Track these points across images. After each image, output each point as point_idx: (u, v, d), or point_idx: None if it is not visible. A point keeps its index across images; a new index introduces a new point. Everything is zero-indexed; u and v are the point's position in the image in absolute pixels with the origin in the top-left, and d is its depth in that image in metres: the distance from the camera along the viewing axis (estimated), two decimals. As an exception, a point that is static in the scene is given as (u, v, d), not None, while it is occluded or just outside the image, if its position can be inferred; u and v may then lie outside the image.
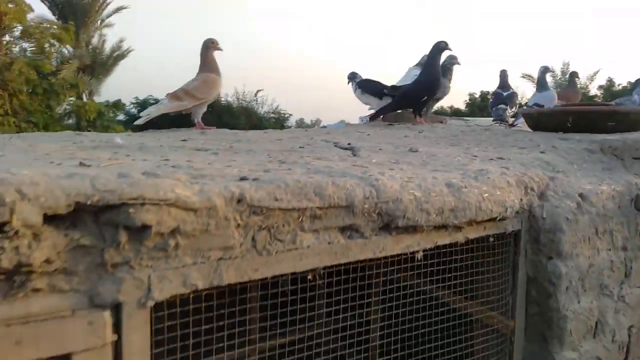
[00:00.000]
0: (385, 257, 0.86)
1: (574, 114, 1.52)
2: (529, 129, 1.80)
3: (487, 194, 0.95)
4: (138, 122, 1.70)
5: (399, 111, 2.22)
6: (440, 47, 1.90)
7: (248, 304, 0.80)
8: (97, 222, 0.57)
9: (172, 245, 0.61)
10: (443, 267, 1.01)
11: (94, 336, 0.56)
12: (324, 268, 0.78)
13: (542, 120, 1.65)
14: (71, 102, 10.85)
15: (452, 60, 2.25)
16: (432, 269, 1.00)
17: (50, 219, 0.53)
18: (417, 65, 2.21)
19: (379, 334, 1.12)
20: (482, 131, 1.86)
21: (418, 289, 1.04)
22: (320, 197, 0.75)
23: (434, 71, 1.90)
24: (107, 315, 0.57)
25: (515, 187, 1.05)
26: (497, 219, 0.99)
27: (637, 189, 1.23)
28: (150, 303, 0.60)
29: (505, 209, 0.99)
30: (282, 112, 16.00)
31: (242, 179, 0.73)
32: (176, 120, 1.86)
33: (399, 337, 1.00)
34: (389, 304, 1.01)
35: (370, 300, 1.03)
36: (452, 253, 1.00)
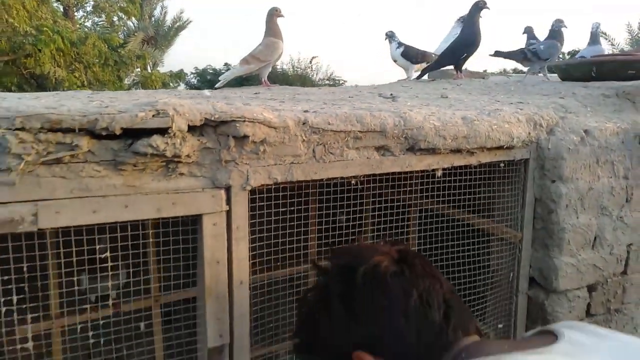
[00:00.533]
0: (411, 172, 1.14)
1: (597, 64, 1.69)
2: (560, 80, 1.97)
3: (495, 126, 1.20)
4: (217, 85, 2.03)
5: (443, 69, 2.42)
6: (478, 6, 2.08)
7: (310, 197, 1.12)
8: (215, 132, 0.89)
9: (261, 151, 0.93)
10: (464, 190, 1.28)
11: (216, 205, 0.90)
12: (364, 176, 1.08)
13: (569, 71, 1.82)
14: (138, 73, 11.58)
15: (559, 24, 2.20)
16: (455, 191, 1.27)
17: (190, 129, 0.86)
18: (458, 21, 2.38)
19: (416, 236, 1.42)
20: (514, 83, 2.04)
21: (439, 209, 1.32)
22: (360, 124, 1.04)
23: (472, 29, 2.09)
24: (223, 192, 0.90)
25: (524, 123, 1.29)
26: (505, 147, 1.24)
27: (642, 127, 1.42)
28: (248, 188, 0.93)
29: (512, 139, 1.23)
30: (336, 78, 16.14)
31: (305, 111, 1.03)
32: (243, 82, 2.18)
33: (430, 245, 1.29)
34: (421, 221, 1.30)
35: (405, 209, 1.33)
36: (469, 174, 1.26)
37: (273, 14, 1.99)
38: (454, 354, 0.58)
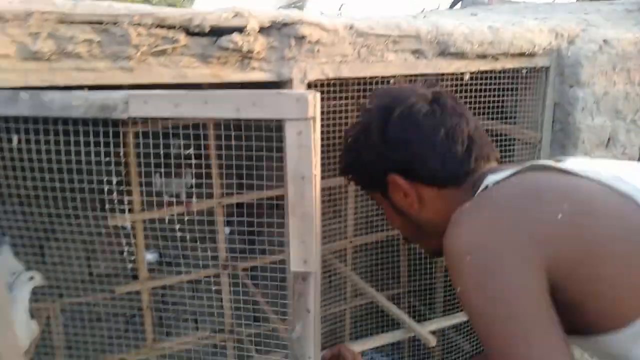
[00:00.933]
0: (442, 74, 1.32)
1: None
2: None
3: (518, 34, 1.35)
4: None
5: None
6: None
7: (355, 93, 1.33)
8: (279, 33, 1.09)
9: (316, 50, 1.12)
10: (490, 92, 1.45)
11: (301, 110, 1.09)
12: (400, 76, 1.27)
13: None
14: None
15: None
16: (482, 93, 1.44)
17: (260, 30, 1.06)
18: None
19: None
20: (544, 5, 2.14)
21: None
22: (398, 29, 1.21)
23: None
24: (310, 97, 1.11)
25: (546, 33, 1.43)
26: (527, 54, 1.39)
27: (661, 38, 1.53)
28: (306, 81, 1.14)
29: (534, 46, 1.38)
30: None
31: (352, 19, 1.21)
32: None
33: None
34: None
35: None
36: (495, 78, 1.42)
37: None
38: (475, 178, 0.77)
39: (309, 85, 1.15)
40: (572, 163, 0.68)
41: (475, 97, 1.43)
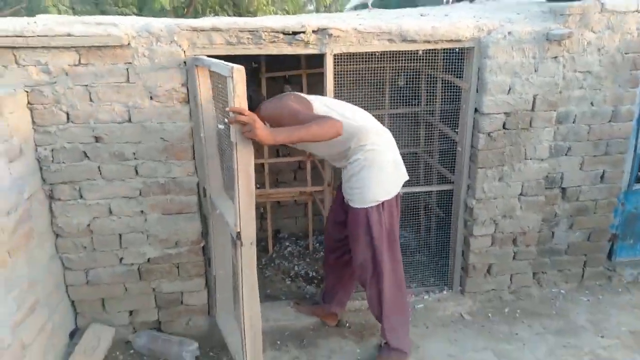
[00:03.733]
0: (405, 51, 2.66)
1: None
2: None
3: (450, 29, 2.60)
4: (347, 6, 3.63)
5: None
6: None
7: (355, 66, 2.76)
8: (321, 32, 2.54)
9: (338, 39, 2.57)
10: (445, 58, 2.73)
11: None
12: (382, 52, 2.65)
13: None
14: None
15: None
16: (440, 59, 2.74)
17: (313, 31, 2.53)
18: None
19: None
20: (497, 4, 3.20)
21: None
22: (379, 29, 2.58)
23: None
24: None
25: (472, 28, 2.64)
26: (456, 40, 2.63)
27: (549, 30, 2.62)
28: (333, 54, 2.60)
29: (459, 36, 2.62)
30: None
31: (360, 24, 2.62)
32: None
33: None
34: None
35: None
36: (444, 52, 2.70)
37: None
38: None
39: (335, 56, 2.61)
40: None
41: (432, 61, 2.74)
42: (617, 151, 2.98)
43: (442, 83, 3.28)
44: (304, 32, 2.49)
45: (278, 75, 3.58)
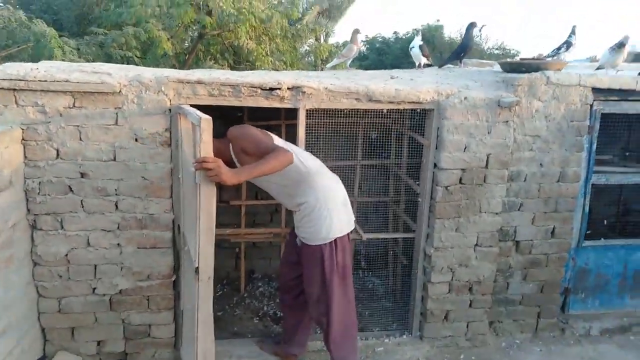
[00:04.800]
0: (371, 109, 2.94)
1: (513, 64, 3.16)
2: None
3: (411, 92, 2.90)
4: (328, 66, 3.97)
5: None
6: (472, 25, 3.58)
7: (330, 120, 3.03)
8: (296, 90, 2.82)
9: (310, 96, 2.85)
10: (411, 117, 3.01)
11: (294, 112, 2.88)
12: (349, 110, 2.93)
13: (506, 68, 3.30)
14: (311, 43, 14.03)
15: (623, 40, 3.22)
16: (407, 117, 3.02)
17: (288, 88, 2.81)
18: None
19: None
20: (469, 71, 3.54)
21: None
22: (348, 89, 2.87)
23: (466, 39, 3.61)
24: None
25: (432, 92, 2.94)
26: (417, 102, 2.93)
27: (501, 97, 2.93)
28: (305, 109, 2.87)
29: (420, 99, 2.92)
30: (506, 48, 17.04)
31: (332, 83, 2.91)
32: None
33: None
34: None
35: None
36: (403, 112, 2.99)
37: (355, 32, 3.83)
38: None
39: (308, 111, 2.88)
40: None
41: (400, 120, 3.02)
42: (565, 209, 3.23)
43: (408, 139, 3.56)
44: (279, 89, 2.77)
45: (260, 124, 3.84)
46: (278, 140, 2.45)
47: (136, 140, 2.60)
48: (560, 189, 3.20)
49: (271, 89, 2.75)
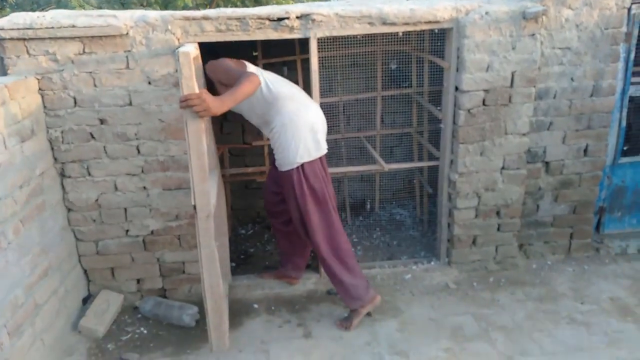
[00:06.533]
0: (386, 33, 2.80)
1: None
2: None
3: (427, 12, 2.73)
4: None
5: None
6: None
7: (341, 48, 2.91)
8: (305, 18, 2.71)
9: (321, 23, 2.73)
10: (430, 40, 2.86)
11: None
12: (363, 35, 2.80)
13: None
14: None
15: None
16: (426, 40, 2.87)
17: (297, 17, 2.70)
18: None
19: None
20: None
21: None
22: (360, 13, 2.73)
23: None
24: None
25: (450, 9, 2.76)
26: (434, 21, 2.76)
27: (526, 8, 2.72)
28: (316, 37, 2.77)
29: (437, 17, 2.75)
30: None
31: (343, 9, 2.77)
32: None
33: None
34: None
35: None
36: (425, 33, 2.83)
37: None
38: None
39: (319, 40, 2.77)
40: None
41: (419, 44, 2.87)
42: (599, 125, 3.06)
43: (429, 65, 3.41)
44: (288, 18, 2.66)
45: (275, 61, 3.76)
46: (251, 67, 2.52)
47: (149, 83, 2.60)
48: (594, 104, 3.01)
49: (279, 19, 2.65)
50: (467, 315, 2.77)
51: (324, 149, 2.63)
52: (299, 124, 2.52)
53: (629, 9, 2.87)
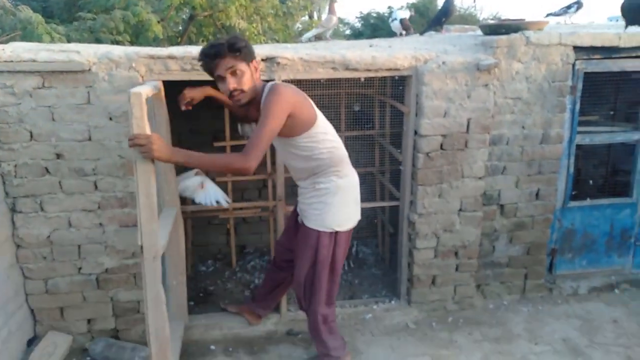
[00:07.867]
0: (348, 78, 2.90)
1: (492, 26, 3.10)
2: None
3: (388, 60, 2.86)
4: (303, 39, 3.91)
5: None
6: (452, -11, 3.51)
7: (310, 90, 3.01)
8: (271, 61, 2.79)
9: (285, 67, 2.81)
10: (392, 85, 2.98)
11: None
12: (327, 80, 2.89)
13: (485, 30, 3.24)
14: (303, 21, 13.79)
15: None
16: (388, 85, 2.98)
17: (262, 59, 2.77)
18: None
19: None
20: (448, 37, 3.47)
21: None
22: (324, 58, 2.83)
23: (446, 3, 3.54)
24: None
25: (409, 58, 2.90)
26: (394, 69, 2.89)
27: (479, 60, 2.88)
28: (281, 80, 2.84)
29: (397, 65, 2.88)
30: (502, 18, 16.85)
31: (307, 53, 2.86)
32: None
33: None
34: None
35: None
36: (384, 80, 2.95)
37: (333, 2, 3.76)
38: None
39: (284, 81, 2.84)
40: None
41: (382, 89, 2.98)
42: (549, 171, 3.22)
43: (390, 108, 3.53)
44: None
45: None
46: (322, 119, 2.31)
47: (110, 119, 2.58)
48: (544, 150, 3.18)
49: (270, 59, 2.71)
50: (425, 357, 2.78)
51: (356, 221, 2.49)
52: (350, 192, 2.39)
53: (574, 65, 3.08)
